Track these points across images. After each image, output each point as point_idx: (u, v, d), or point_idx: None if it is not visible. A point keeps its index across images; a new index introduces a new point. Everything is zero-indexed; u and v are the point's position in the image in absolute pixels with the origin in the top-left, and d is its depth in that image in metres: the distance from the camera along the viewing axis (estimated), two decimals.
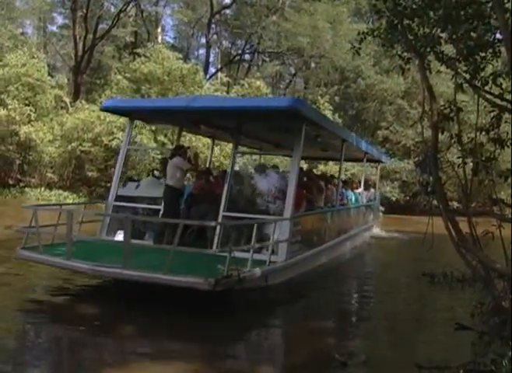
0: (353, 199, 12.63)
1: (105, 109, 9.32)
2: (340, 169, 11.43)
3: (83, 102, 25.80)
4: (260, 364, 4.75)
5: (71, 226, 6.20)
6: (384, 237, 15.34)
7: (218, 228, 7.20)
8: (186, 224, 6.38)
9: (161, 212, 8.10)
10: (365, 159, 13.32)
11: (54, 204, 10.13)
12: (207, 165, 12.21)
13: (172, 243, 5.73)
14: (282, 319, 6.35)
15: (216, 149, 21.14)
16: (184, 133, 17.38)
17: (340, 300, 7.54)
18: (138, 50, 27.46)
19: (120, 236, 7.28)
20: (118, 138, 19.69)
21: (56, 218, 6.94)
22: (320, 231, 9.11)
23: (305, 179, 9.65)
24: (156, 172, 9.88)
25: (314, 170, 21.27)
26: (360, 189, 13.66)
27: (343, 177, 13.99)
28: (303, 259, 7.73)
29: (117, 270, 5.80)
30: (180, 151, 8.47)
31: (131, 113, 9.02)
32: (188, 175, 10.56)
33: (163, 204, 8.16)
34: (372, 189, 15.42)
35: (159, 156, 18.82)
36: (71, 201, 19.27)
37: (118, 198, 8.45)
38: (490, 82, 5.58)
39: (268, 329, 5.95)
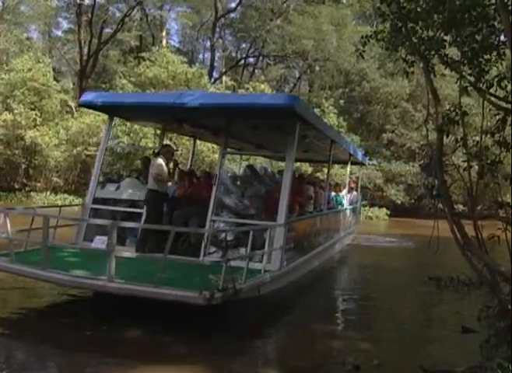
0: (337, 202, 12.50)
1: (83, 104, 8.11)
2: (328, 170, 11.23)
3: None
4: (266, 368, 4.70)
5: (47, 232, 5.58)
6: (376, 245, 14.93)
7: (206, 234, 6.77)
8: (178, 231, 5.94)
9: (143, 217, 7.39)
10: (350, 162, 13.08)
11: (27, 208, 9.17)
12: (189, 166, 11.08)
13: (155, 251, 5.29)
14: (284, 325, 6.10)
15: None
16: (188, 137, 17.34)
17: (340, 305, 7.44)
18: (143, 54, 27.60)
19: (98, 242, 6.61)
20: (123, 142, 19.73)
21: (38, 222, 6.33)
22: (312, 236, 8.81)
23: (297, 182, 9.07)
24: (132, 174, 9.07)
25: (319, 174, 21.29)
26: (344, 192, 13.57)
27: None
28: (296, 266, 7.38)
29: (100, 283, 5.21)
30: (163, 150, 7.70)
31: (110, 110, 8.15)
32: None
33: (145, 208, 7.42)
34: (354, 192, 15.32)
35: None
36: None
37: (96, 200, 7.77)
38: (495, 85, 5.58)
39: (271, 334, 5.77)
